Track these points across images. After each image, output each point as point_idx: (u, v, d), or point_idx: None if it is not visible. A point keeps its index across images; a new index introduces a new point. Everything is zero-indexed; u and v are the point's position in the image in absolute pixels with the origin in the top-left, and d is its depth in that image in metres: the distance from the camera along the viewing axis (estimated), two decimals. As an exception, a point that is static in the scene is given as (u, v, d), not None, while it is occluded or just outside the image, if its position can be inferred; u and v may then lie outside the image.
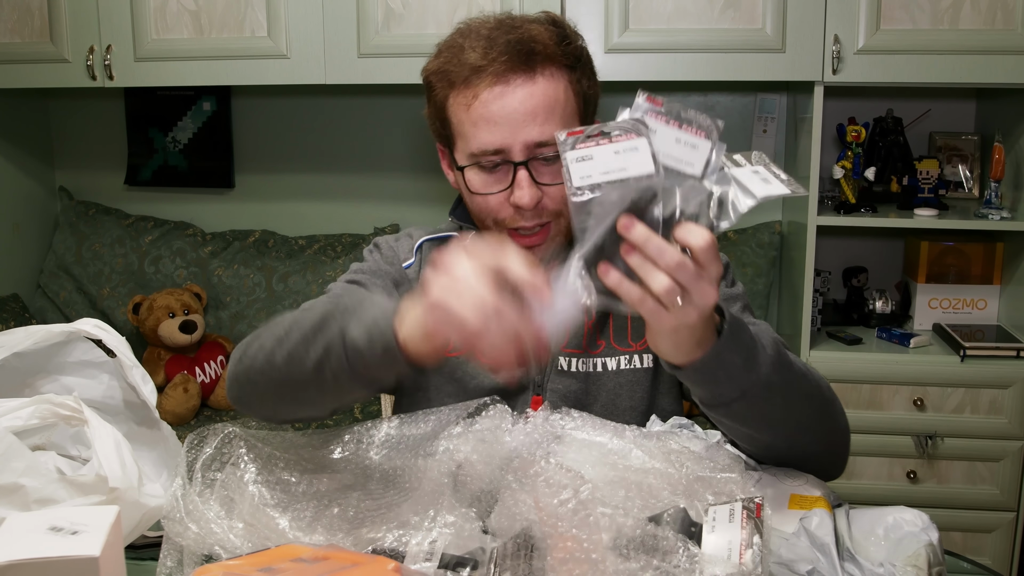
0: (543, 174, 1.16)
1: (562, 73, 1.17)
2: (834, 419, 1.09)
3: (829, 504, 0.95)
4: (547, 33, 1.16)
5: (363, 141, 2.95)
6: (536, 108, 1.14)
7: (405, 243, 1.33)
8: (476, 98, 1.15)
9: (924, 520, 0.92)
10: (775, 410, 0.99)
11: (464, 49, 1.16)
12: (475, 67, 1.14)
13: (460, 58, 1.16)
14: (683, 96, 2.81)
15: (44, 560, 0.75)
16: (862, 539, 0.92)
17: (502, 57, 1.13)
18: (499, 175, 1.17)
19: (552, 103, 1.15)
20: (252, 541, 0.96)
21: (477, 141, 1.16)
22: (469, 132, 1.16)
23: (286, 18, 2.44)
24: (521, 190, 1.15)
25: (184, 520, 0.97)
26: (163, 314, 2.68)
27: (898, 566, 0.87)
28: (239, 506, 0.99)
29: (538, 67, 1.15)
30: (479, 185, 1.19)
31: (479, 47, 1.15)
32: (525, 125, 1.14)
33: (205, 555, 0.96)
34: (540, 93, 1.14)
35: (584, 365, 1.24)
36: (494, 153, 1.15)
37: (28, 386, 1.19)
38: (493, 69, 1.13)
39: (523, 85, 1.14)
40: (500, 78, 1.14)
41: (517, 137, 1.14)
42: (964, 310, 2.56)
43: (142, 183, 3.09)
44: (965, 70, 2.24)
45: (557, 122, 1.15)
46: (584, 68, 1.20)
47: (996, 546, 2.37)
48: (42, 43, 2.56)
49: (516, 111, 1.14)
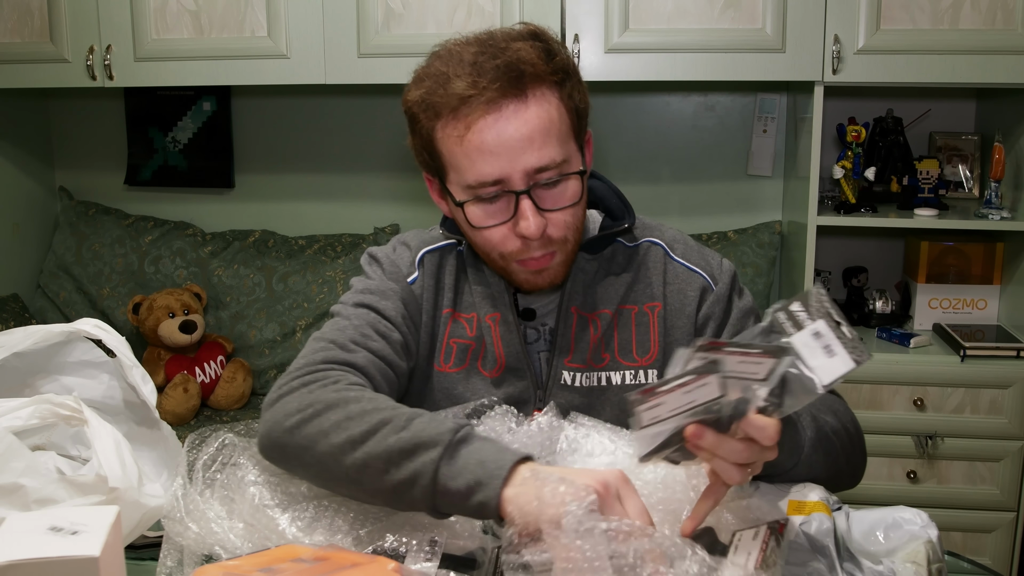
0: (544, 200, 1.13)
1: (553, 92, 1.13)
2: (860, 452, 1.15)
3: (828, 508, 0.95)
4: (533, 51, 1.11)
5: (363, 141, 2.95)
6: (532, 133, 1.10)
7: (404, 255, 1.27)
8: (469, 129, 1.10)
9: (923, 518, 0.92)
10: (814, 473, 1.04)
11: (449, 78, 1.10)
12: (463, 97, 1.09)
13: (446, 88, 1.10)
14: (683, 96, 2.82)
15: (44, 560, 0.75)
16: (862, 540, 0.92)
17: (493, 84, 1.08)
18: (500, 206, 1.13)
19: (547, 126, 1.11)
20: (252, 541, 0.96)
21: (474, 173, 1.11)
22: (464, 164, 1.12)
23: (286, 18, 2.44)
24: (527, 220, 1.11)
25: (184, 520, 0.97)
26: (163, 314, 2.68)
27: (897, 563, 0.87)
28: (239, 506, 0.99)
29: (529, 89, 1.10)
30: (480, 218, 1.14)
31: (465, 75, 1.09)
32: (523, 152, 1.09)
33: (205, 555, 0.96)
34: (534, 117, 1.10)
35: (588, 380, 1.23)
36: (493, 184, 1.11)
37: (28, 386, 1.19)
38: (485, 97, 1.08)
39: (516, 111, 1.09)
40: (492, 106, 1.09)
41: (516, 165, 1.10)
42: (964, 310, 2.56)
43: (142, 183, 3.09)
44: (965, 70, 2.24)
45: (555, 145, 1.11)
46: (573, 81, 1.15)
47: (996, 546, 2.37)
48: (42, 43, 2.56)
49: (512, 138, 1.09)
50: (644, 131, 2.84)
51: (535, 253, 1.15)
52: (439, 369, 1.25)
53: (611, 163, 2.81)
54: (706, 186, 2.86)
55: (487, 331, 1.23)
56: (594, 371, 1.23)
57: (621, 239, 1.27)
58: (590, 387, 1.23)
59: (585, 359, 1.23)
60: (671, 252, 1.27)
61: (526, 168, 1.10)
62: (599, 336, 1.23)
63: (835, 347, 0.84)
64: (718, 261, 1.28)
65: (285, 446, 1.00)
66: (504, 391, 1.23)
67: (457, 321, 1.25)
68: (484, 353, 1.24)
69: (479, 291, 1.25)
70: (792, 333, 0.85)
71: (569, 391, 1.23)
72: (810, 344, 0.85)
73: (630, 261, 1.26)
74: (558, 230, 1.15)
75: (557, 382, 1.23)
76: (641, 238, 1.28)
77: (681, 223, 2.83)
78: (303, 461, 1.00)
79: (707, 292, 1.25)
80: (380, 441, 0.94)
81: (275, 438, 1.01)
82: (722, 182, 2.84)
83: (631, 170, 2.82)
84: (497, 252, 1.17)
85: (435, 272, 1.26)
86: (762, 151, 2.78)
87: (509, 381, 1.23)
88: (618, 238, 1.27)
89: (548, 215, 1.13)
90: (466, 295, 1.26)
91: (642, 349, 1.23)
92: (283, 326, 2.81)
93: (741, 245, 2.73)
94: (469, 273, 1.26)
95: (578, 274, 1.23)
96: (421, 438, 0.93)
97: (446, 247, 1.28)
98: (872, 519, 0.95)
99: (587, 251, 1.23)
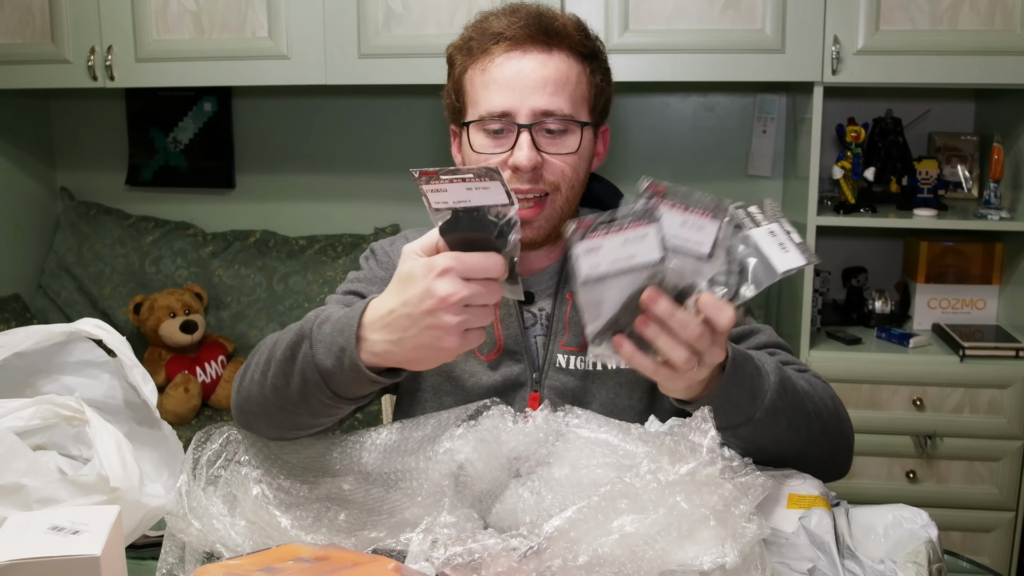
0: (546, 143, 1.18)
1: (577, 60, 1.20)
2: (839, 429, 1.12)
3: (828, 503, 0.95)
4: (571, 23, 1.20)
5: (363, 141, 2.96)
6: (548, 78, 1.17)
7: (400, 245, 1.32)
8: (492, 62, 1.18)
9: (924, 517, 0.92)
10: (781, 431, 1.01)
11: (489, 20, 1.20)
12: (495, 34, 1.18)
13: (483, 28, 1.20)
14: (683, 96, 2.82)
15: (45, 560, 0.76)
16: (862, 537, 0.92)
17: (522, 25, 1.17)
18: (502, 140, 1.19)
19: (564, 78, 1.18)
20: (253, 539, 0.96)
21: (487, 103, 1.18)
22: (480, 96, 1.19)
23: (287, 19, 2.44)
24: (521, 151, 1.16)
25: (187, 516, 0.97)
26: (164, 314, 2.69)
27: (899, 563, 0.88)
28: (242, 504, 1.00)
29: (555, 45, 1.18)
30: (481, 144, 1.20)
31: (503, 17, 1.19)
32: (534, 92, 1.16)
33: (207, 552, 0.96)
34: (553, 66, 1.17)
35: (583, 363, 1.25)
36: (500, 115, 1.17)
37: (29, 386, 1.20)
38: (511, 34, 1.17)
39: (539, 57, 1.17)
40: (517, 44, 1.17)
41: (525, 102, 1.16)
42: (963, 310, 2.56)
43: (143, 183, 3.09)
44: (964, 70, 2.25)
45: (567, 99, 1.17)
46: (600, 65, 1.24)
47: (995, 546, 2.37)
48: (43, 44, 2.57)
49: (528, 76, 1.16)
50: (644, 131, 2.84)
51: (523, 186, 1.17)
52: None
53: (611, 163, 2.80)
54: (706, 186, 2.84)
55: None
56: (588, 354, 1.24)
57: None
58: (585, 370, 1.25)
59: (579, 343, 1.25)
60: None
61: (534, 107, 1.16)
62: None
63: (788, 246, 0.88)
64: None
65: (239, 406, 1.08)
66: (501, 373, 1.25)
67: None
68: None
69: None
70: (749, 228, 0.89)
71: (564, 374, 1.25)
72: (766, 238, 0.88)
73: None
74: (552, 174, 1.19)
75: (552, 365, 1.25)
76: None
77: (681, 223, 2.83)
78: (253, 411, 1.06)
79: None
80: (274, 361, 1.02)
81: (234, 404, 1.10)
82: (722, 182, 2.84)
83: (631, 170, 2.82)
84: None
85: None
86: (762, 151, 2.78)
87: (506, 363, 1.25)
88: None
89: (545, 156, 1.18)
90: None
91: None
92: (284, 326, 2.78)
93: (741, 245, 2.73)
94: None
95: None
96: (294, 340, 0.99)
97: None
98: (871, 516, 0.95)
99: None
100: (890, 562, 0.88)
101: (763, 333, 1.24)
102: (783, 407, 1.01)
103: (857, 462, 2.38)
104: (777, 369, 1.03)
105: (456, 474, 0.98)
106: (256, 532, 0.97)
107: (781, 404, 1.00)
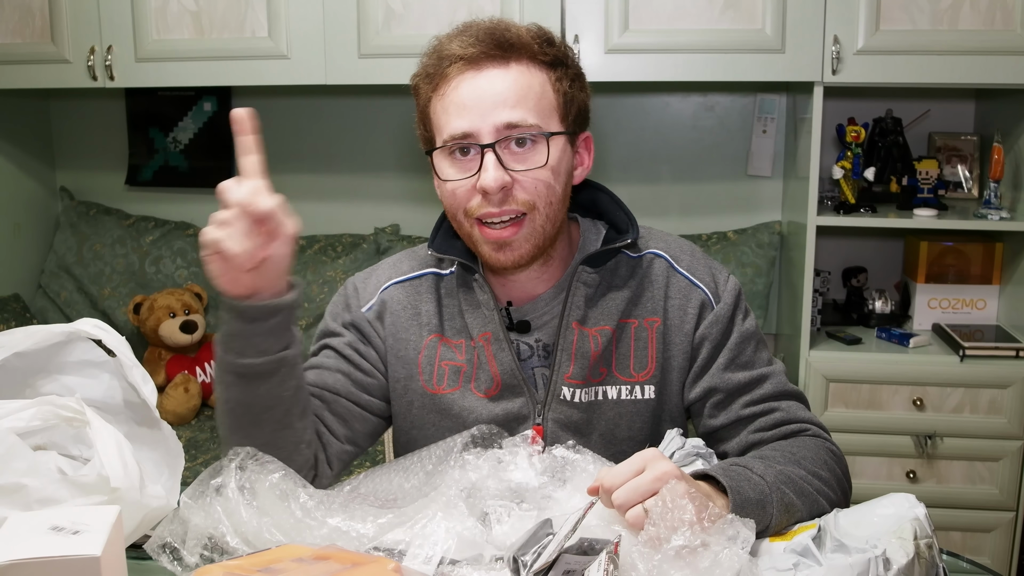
0: (513, 159, 1.14)
1: (539, 68, 1.16)
2: (844, 486, 1.13)
3: (811, 523, 0.96)
4: (528, 34, 1.16)
5: (363, 141, 2.96)
6: (507, 92, 1.13)
7: (373, 282, 1.30)
8: (449, 85, 1.14)
9: (910, 500, 0.92)
10: (792, 519, 1.01)
11: (443, 44, 1.17)
12: (450, 56, 1.15)
13: (439, 52, 1.17)
14: (683, 96, 2.82)
15: (45, 560, 0.76)
16: (852, 529, 0.92)
17: (474, 42, 1.13)
18: (468, 163, 1.15)
19: (526, 89, 1.14)
20: (254, 539, 0.96)
21: (448, 128, 1.14)
22: (442, 120, 1.16)
23: (286, 19, 2.44)
24: (487, 172, 1.12)
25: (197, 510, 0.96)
26: (164, 314, 2.69)
27: (882, 540, 0.87)
28: (260, 497, 0.98)
29: (513, 59, 1.14)
30: (448, 171, 1.16)
31: (456, 38, 1.16)
32: (494, 108, 1.12)
33: (209, 535, 0.95)
34: (511, 78, 1.14)
35: (587, 395, 1.22)
36: (463, 137, 1.14)
37: (29, 386, 1.19)
38: (465, 54, 1.14)
39: (496, 73, 1.14)
40: (471, 63, 1.14)
41: (486, 119, 1.12)
42: (963, 310, 2.56)
43: (143, 183, 3.09)
44: (964, 70, 2.25)
45: (530, 110, 1.13)
46: (568, 72, 1.18)
47: (995, 546, 2.38)
48: (43, 44, 2.57)
49: (486, 93, 1.13)
50: (644, 131, 2.84)
51: (494, 208, 1.14)
52: (433, 391, 1.25)
53: (611, 163, 2.81)
54: (706, 186, 2.86)
55: (480, 351, 1.23)
56: (592, 386, 1.22)
57: (625, 251, 1.26)
58: (588, 402, 1.22)
59: (584, 375, 1.22)
60: (675, 264, 1.25)
61: (496, 123, 1.13)
62: (599, 352, 1.22)
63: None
64: (724, 277, 1.26)
65: (226, 442, 1.14)
66: (501, 407, 1.22)
67: (447, 345, 1.26)
68: (476, 374, 1.23)
69: (469, 312, 1.25)
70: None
71: (568, 406, 1.22)
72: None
73: (632, 274, 1.25)
74: (526, 192, 1.14)
75: (556, 397, 1.22)
76: (645, 249, 1.27)
77: (681, 223, 2.83)
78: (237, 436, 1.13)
79: (706, 309, 1.23)
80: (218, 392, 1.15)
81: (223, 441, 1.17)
82: (722, 182, 2.84)
83: (631, 170, 2.82)
84: (461, 209, 1.17)
85: (407, 300, 1.28)
86: (762, 151, 2.79)
87: (506, 398, 1.23)
88: (622, 250, 1.26)
89: (515, 175, 1.14)
90: (455, 319, 1.26)
91: (639, 365, 1.22)
92: (283, 326, 2.81)
93: (741, 245, 2.73)
94: (458, 295, 1.26)
95: (580, 288, 1.22)
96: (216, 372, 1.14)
97: (424, 276, 1.29)
98: (861, 510, 0.95)
99: (589, 264, 1.22)
100: (874, 540, 0.88)
101: (769, 382, 1.20)
102: (793, 506, 1.00)
103: (857, 462, 2.38)
104: (776, 483, 1.01)
105: (468, 490, 0.98)
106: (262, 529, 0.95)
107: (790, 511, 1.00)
